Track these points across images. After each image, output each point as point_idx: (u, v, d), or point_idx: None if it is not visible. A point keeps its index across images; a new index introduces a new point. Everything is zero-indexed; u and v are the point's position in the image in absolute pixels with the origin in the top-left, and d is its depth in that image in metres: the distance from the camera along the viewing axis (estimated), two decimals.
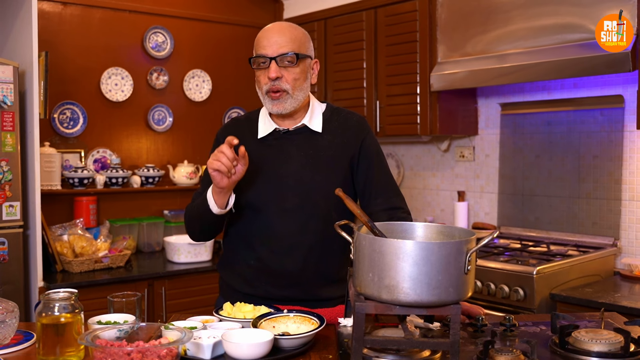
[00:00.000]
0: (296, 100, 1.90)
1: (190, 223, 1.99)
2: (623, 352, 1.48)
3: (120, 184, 3.74)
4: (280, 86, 1.86)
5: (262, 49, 1.87)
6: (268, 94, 1.89)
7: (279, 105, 1.88)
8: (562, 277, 2.78)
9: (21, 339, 1.68)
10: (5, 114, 2.97)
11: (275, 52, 1.85)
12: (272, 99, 1.88)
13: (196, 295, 3.41)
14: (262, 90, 1.90)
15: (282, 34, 1.87)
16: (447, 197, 3.93)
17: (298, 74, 1.88)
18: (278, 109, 1.89)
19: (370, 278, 1.43)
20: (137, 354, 1.33)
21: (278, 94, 1.87)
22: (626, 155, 3.08)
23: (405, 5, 3.57)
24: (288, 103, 1.89)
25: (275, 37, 1.87)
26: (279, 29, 1.90)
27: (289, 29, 1.90)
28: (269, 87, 1.87)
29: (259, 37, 1.91)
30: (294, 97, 1.89)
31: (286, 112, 1.90)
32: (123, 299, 1.72)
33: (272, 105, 1.90)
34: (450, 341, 1.42)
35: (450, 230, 1.60)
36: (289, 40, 1.87)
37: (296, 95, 1.89)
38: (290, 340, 1.54)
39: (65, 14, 3.69)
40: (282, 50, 1.85)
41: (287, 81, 1.87)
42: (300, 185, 1.91)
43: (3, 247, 2.98)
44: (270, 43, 1.86)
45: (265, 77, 1.88)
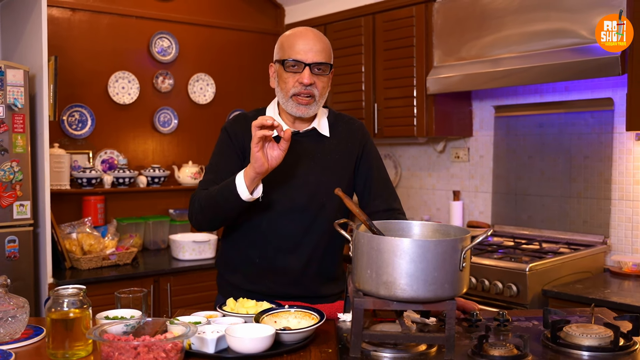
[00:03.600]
0: (319, 106, 1.91)
1: (203, 210, 1.85)
2: (613, 346, 1.48)
3: (127, 183, 3.74)
4: (312, 92, 1.85)
5: (297, 54, 1.84)
6: (294, 97, 1.86)
7: (304, 109, 1.87)
8: (553, 273, 2.77)
9: (31, 333, 1.68)
10: (16, 116, 2.97)
11: (311, 59, 1.83)
12: (299, 103, 1.86)
13: (200, 292, 3.41)
14: (288, 93, 1.86)
15: (318, 41, 1.86)
16: (443, 197, 3.93)
17: (326, 82, 1.89)
18: (302, 113, 1.88)
19: (368, 275, 1.43)
20: (143, 348, 1.33)
21: (307, 100, 1.86)
22: (616, 156, 3.08)
23: (403, 12, 3.57)
24: (312, 109, 1.88)
25: (312, 43, 1.84)
26: (314, 36, 1.87)
27: (322, 38, 1.89)
28: (298, 90, 1.85)
29: (293, 41, 1.86)
30: (318, 104, 1.89)
31: (309, 116, 1.90)
32: (130, 295, 1.72)
33: (296, 109, 1.87)
34: (445, 335, 1.42)
35: (445, 228, 1.60)
36: (324, 49, 1.86)
37: (320, 102, 1.90)
38: (291, 334, 1.54)
39: (74, 20, 3.69)
40: (318, 59, 1.84)
41: (318, 88, 1.86)
42: (307, 186, 1.91)
43: (14, 245, 2.98)
44: (306, 49, 1.83)
45: (295, 81, 1.85)
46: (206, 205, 1.84)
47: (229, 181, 1.76)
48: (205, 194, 1.86)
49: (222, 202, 1.79)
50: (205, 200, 1.85)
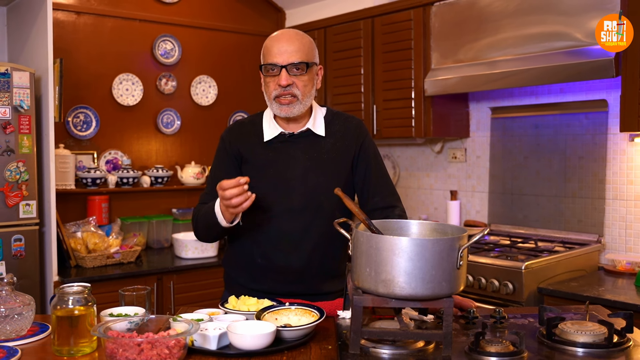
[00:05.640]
0: (304, 105, 1.90)
1: (199, 229, 1.97)
2: (607, 342, 1.48)
3: (130, 183, 3.74)
4: (292, 92, 1.86)
5: (272, 57, 1.86)
6: (276, 99, 1.87)
7: (287, 109, 1.87)
8: (549, 271, 2.77)
9: (37, 330, 1.68)
10: (22, 118, 2.97)
11: (285, 61, 1.84)
12: (281, 104, 1.87)
13: (203, 289, 3.41)
14: (271, 96, 1.88)
15: (291, 42, 1.86)
16: (441, 196, 3.93)
17: (307, 81, 1.88)
18: (286, 113, 1.88)
19: (367, 273, 1.43)
20: (147, 345, 1.33)
21: (288, 100, 1.86)
22: (610, 157, 3.08)
23: (401, 15, 3.57)
24: (296, 108, 1.88)
25: (285, 45, 1.85)
26: (287, 37, 1.87)
27: (297, 37, 1.88)
28: (278, 92, 1.86)
29: (269, 45, 1.89)
30: (302, 103, 1.89)
31: (293, 115, 1.89)
32: (133, 293, 1.72)
33: (280, 109, 1.88)
34: (443, 332, 1.42)
35: (443, 227, 1.60)
36: (298, 48, 1.85)
37: (305, 101, 1.89)
38: (291, 331, 1.54)
39: (79, 23, 3.69)
40: (292, 59, 1.84)
41: (298, 87, 1.86)
42: (305, 186, 1.91)
43: (20, 244, 2.98)
44: (280, 52, 1.84)
45: (275, 84, 1.86)
46: (198, 225, 1.96)
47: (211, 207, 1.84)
48: (199, 213, 1.95)
49: (211, 226, 1.88)
50: (198, 218, 1.95)
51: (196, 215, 1.97)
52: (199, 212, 1.95)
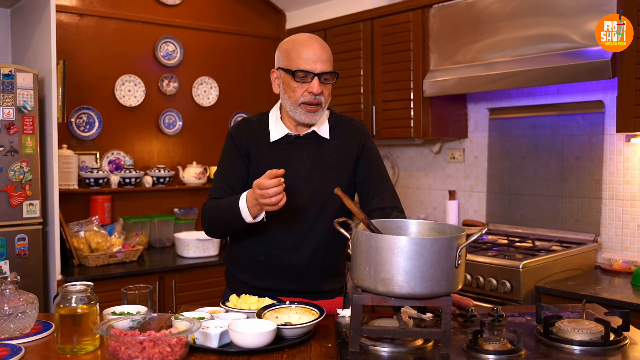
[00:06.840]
0: (324, 112, 1.92)
1: (214, 224, 1.91)
2: (603, 340, 1.48)
3: (133, 183, 3.74)
4: (320, 100, 1.86)
5: (306, 64, 1.83)
6: (302, 106, 1.86)
7: (312, 117, 1.88)
8: (546, 270, 2.77)
9: (40, 328, 1.68)
10: (25, 118, 2.97)
11: (320, 69, 1.83)
12: (308, 111, 1.86)
13: (204, 288, 3.41)
14: (296, 101, 1.86)
15: (324, 51, 1.85)
16: (439, 196, 3.93)
17: (331, 89, 1.90)
18: (311, 120, 1.89)
19: (367, 272, 1.43)
20: (149, 343, 1.33)
21: (315, 107, 1.86)
22: (606, 157, 3.08)
23: (400, 17, 3.57)
24: (319, 115, 1.90)
25: (319, 53, 1.84)
26: (320, 45, 1.86)
27: (327, 47, 1.88)
28: (308, 100, 1.85)
29: (300, 51, 1.84)
30: (324, 110, 1.90)
31: (315, 122, 1.91)
32: (136, 291, 1.72)
33: (305, 117, 1.87)
34: (441, 330, 1.42)
35: (441, 227, 1.61)
36: (329, 58, 1.86)
37: (325, 107, 1.91)
38: (292, 329, 1.54)
39: (81, 25, 3.69)
40: (325, 68, 1.84)
41: (324, 96, 1.87)
42: (309, 187, 1.91)
43: (24, 243, 2.98)
44: (314, 59, 1.83)
45: (304, 90, 1.84)
46: (215, 220, 1.89)
47: (234, 202, 1.78)
48: (214, 206, 1.88)
49: (228, 221, 1.83)
50: (214, 213, 1.88)
51: (210, 210, 1.90)
52: (214, 207, 1.88)
